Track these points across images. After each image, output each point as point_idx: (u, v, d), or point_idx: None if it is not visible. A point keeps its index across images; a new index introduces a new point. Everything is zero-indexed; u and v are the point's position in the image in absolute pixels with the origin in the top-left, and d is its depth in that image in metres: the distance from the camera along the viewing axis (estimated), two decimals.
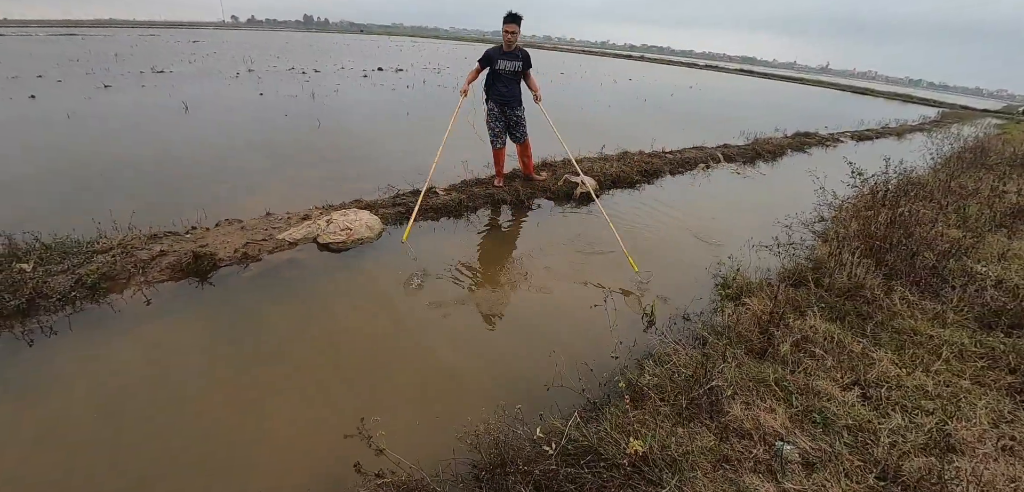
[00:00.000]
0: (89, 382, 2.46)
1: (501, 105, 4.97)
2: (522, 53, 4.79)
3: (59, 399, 2.34)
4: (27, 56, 18.08)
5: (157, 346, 2.72)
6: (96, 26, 73.72)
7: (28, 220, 3.85)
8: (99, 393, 2.39)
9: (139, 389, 2.42)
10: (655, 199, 5.75)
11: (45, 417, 2.24)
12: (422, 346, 2.84)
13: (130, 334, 2.79)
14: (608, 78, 24.69)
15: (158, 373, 2.53)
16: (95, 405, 2.32)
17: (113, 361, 2.60)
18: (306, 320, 3.01)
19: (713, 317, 3.18)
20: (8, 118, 7.72)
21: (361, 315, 3.11)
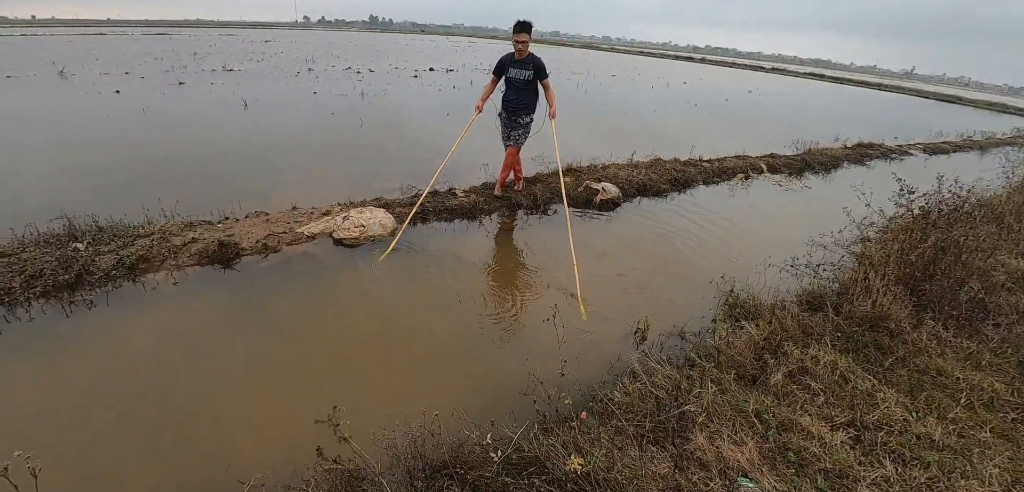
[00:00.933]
0: (106, 353, 2.76)
1: (510, 113, 4.94)
2: (534, 62, 4.72)
3: (78, 366, 2.64)
4: (120, 54, 20.01)
5: (172, 325, 2.99)
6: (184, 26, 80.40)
7: (95, 202, 4.30)
8: (112, 364, 2.68)
9: (149, 362, 2.69)
10: (681, 209, 5.58)
11: (62, 380, 2.53)
12: (406, 344, 2.95)
13: (153, 312, 3.09)
14: (661, 81, 24.02)
15: (166, 350, 2.79)
16: (107, 375, 2.59)
17: (131, 336, 2.89)
18: (305, 310, 3.20)
19: (708, 338, 3.07)
20: (94, 111, 8.61)
21: (354, 310, 3.26)
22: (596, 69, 28.54)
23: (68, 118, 8.10)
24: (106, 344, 2.83)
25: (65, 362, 2.68)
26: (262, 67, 17.50)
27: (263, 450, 2.20)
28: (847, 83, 45.34)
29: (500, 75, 4.87)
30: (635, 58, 53.45)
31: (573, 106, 12.93)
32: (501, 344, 3.02)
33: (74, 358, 2.71)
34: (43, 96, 10.23)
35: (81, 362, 2.69)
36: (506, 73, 4.83)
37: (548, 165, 5.98)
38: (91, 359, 2.71)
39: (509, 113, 4.94)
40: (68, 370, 2.63)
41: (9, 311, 3.08)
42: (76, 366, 2.66)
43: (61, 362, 2.68)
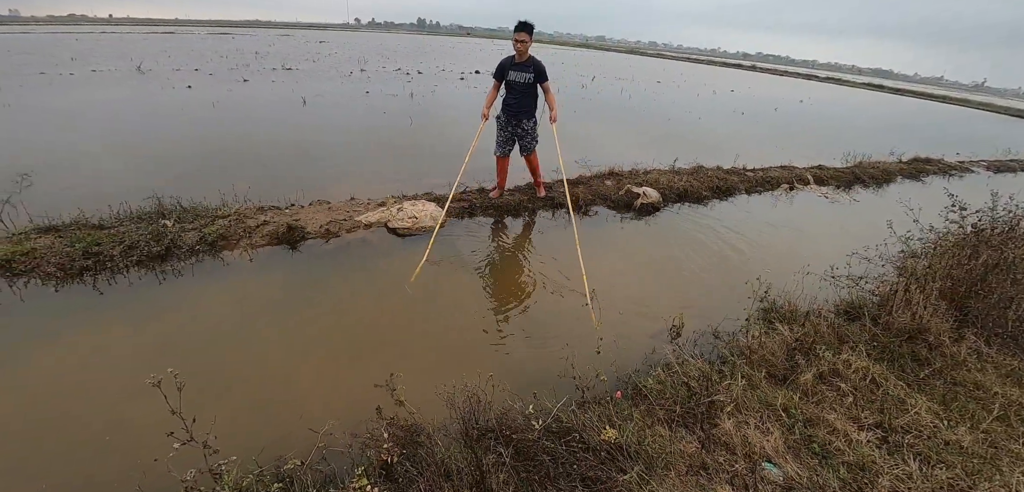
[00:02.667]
0: (194, 315, 3.16)
1: (509, 116, 4.88)
2: (534, 65, 4.65)
3: (170, 325, 3.06)
4: (189, 52, 21.45)
5: (248, 296, 3.38)
6: (246, 26, 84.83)
7: (175, 186, 4.79)
8: (199, 325, 3.08)
9: (228, 325, 3.06)
10: (721, 217, 5.63)
11: (156, 336, 2.95)
12: (453, 325, 3.21)
13: (231, 284, 3.48)
14: (707, 88, 23.62)
15: (243, 316, 3.17)
16: (193, 334, 2.99)
17: (213, 303, 3.29)
18: (362, 290, 3.53)
19: (740, 337, 3.18)
20: (170, 104, 9.40)
21: (406, 290, 3.55)
22: (641, 75, 28.34)
23: (148, 110, 8.89)
24: (193, 309, 3.23)
25: (158, 321, 3.09)
26: (318, 67, 18.40)
27: (328, 406, 2.49)
28: (908, 94, 43.01)
29: (501, 79, 4.79)
30: (681, 64, 52.54)
31: (617, 111, 13.02)
32: (540, 330, 3.23)
33: (165, 319, 3.12)
34: (125, 89, 11.20)
35: (171, 322, 3.09)
36: (506, 76, 4.76)
37: (592, 168, 6.15)
38: (179, 321, 3.11)
39: (509, 117, 4.88)
40: (160, 328, 3.04)
41: (111, 276, 3.54)
42: (166, 325, 3.06)
43: (154, 321, 3.09)
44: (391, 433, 1.97)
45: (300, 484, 1.92)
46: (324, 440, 2.13)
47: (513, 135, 4.96)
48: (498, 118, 4.98)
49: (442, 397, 2.24)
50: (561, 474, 1.93)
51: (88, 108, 9.00)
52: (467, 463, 1.91)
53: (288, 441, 2.26)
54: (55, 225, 4.05)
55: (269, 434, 2.32)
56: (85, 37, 30.40)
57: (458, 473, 1.90)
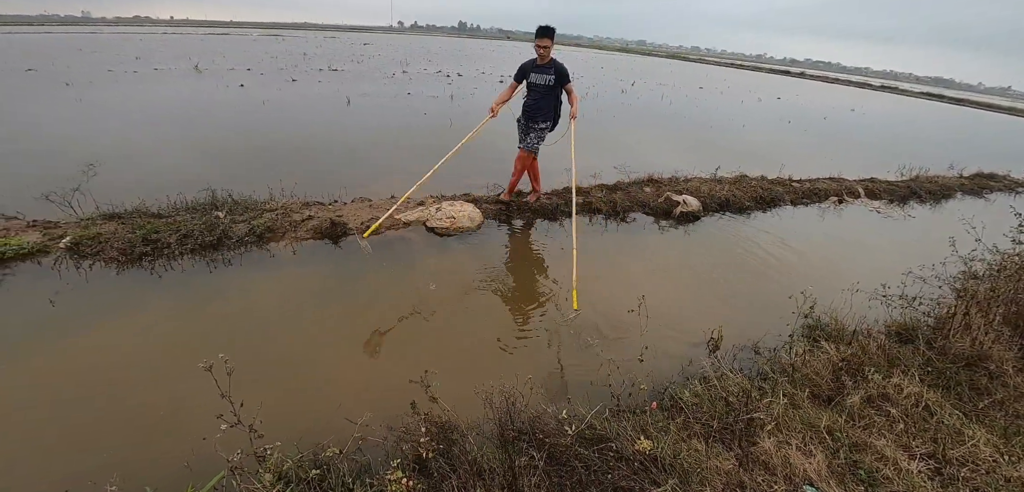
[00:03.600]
0: (241, 303, 3.31)
1: (528, 118, 4.86)
2: (556, 67, 4.63)
3: (218, 311, 3.21)
4: (242, 52, 22.45)
5: (292, 286, 3.51)
6: (294, 28, 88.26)
7: (227, 179, 5.03)
8: (245, 313, 3.23)
9: (272, 315, 3.19)
10: (764, 228, 5.45)
11: (205, 322, 3.11)
12: (485, 325, 3.23)
13: (276, 275, 3.63)
14: (752, 95, 22.91)
15: (287, 305, 3.29)
16: (239, 321, 3.13)
17: (260, 292, 3.43)
18: (401, 286, 3.60)
19: (783, 354, 3.07)
20: (224, 101, 9.88)
21: (442, 289, 3.61)
22: (682, 80, 27.79)
23: (204, 107, 9.37)
24: (240, 297, 3.38)
25: (207, 307, 3.25)
26: (362, 68, 18.92)
27: (364, 398, 2.56)
28: (971, 105, 40.43)
29: (522, 80, 4.80)
30: (725, 70, 51.18)
31: (656, 117, 12.81)
32: (573, 335, 3.22)
33: (214, 306, 3.27)
34: (184, 87, 11.84)
35: (219, 309, 3.25)
36: (528, 78, 4.76)
37: (630, 174, 6.08)
38: (227, 308, 3.27)
39: (528, 118, 4.85)
40: (209, 314, 3.20)
41: (168, 261, 3.75)
42: (215, 311, 3.22)
43: (204, 307, 3.25)
44: (428, 428, 2.00)
45: (336, 472, 1.98)
46: (360, 431, 2.18)
47: (526, 134, 4.93)
48: (518, 120, 4.98)
49: (477, 396, 2.27)
50: (593, 482, 1.92)
51: (150, 104, 9.56)
52: (500, 463, 1.93)
53: (325, 429, 2.32)
54: (118, 212, 4.32)
55: (307, 421, 2.40)
56: (149, 37, 32.31)
57: (490, 473, 1.91)
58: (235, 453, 1.75)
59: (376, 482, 1.94)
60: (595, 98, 15.26)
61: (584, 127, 10.18)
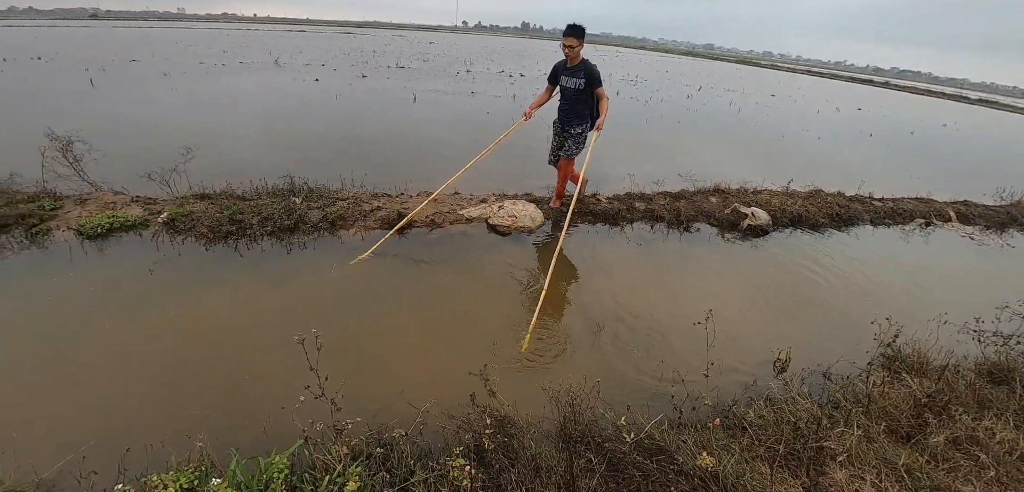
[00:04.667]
0: (313, 284, 3.52)
1: (562, 123, 4.72)
2: (585, 69, 4.42)
3: (293, 290, 3.44)
4: (317, 49, 23.71)
5: (359, 273, 3.67)
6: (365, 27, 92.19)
7: (303, 168, 5.34)
8: (316, 293, 3.44)
9: (340, 297, 3.38)
10: (839, 248, 5.12)
11: (280, 299, 3.33)
12: (545, 324, 3.25)
13: (343, 258, 3.82)
14: (829, 105, 21.50)
15: (354, 291, 3.47)
16: (311, 301, 3.35)
17: (330, 276, 3.61)
18: (461, 280, 3.69)
19: (857, 383, 2.88)
20: (301, 94, 10.49)
21: (504, 285, 3.66)
22: (753, 87, 26.53)
23: (283, 98, 9.99)
24: (312, 278, 3.59)
25: (283, 286, 3.47)
26: (427, 66, 19.47)
27: (426, 385, 2.64)
28: None
29: (554, 84, 4.65)
30: (800, 77, 48.29)
31: (724, 125, 12.33)
32: (635, 342, 3.17)
33: (289, 285, 3.50)
34: (265, 79, 12.68)
35: (294, 288, 3.47)
36: (559, 81, 4.60)
37: (695, 183, 5.90)
38: (300, 288, 3.48)
39: (562, 123, 4.72)
40: (284, 292, 3.43)
41: (250, 241, 4.04)
42: (290, 290, 3.45)
43: (281, 285, 3.48)
44: (494, 419, 2.04)
45: (399, 453, 2.06)
46: (422, 416, 2.26)
47: (563, 141, 4.79)
48: (553, 125, 4.86)
49: (536, 393, 2.29)
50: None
51: (236, 94, 10.32)
52: (558, 463, 1.94)
53: (387, 411, 2.42)
54: (208, 193, 4.70)
55: (370, 402, 2.51)
56: (235, 33, 34.81)
57: (548, 471, 1.93)
58: (315, 424, 1.86)
59: (437, 466, 2.01)
60: (659, 103, 14.90)
61: (647, 131, 10.00)
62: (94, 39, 28.65)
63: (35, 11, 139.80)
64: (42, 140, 4.80)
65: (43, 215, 4.20)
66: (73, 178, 4.80)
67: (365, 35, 44.77)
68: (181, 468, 1.78)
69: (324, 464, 1.92)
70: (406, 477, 1.94)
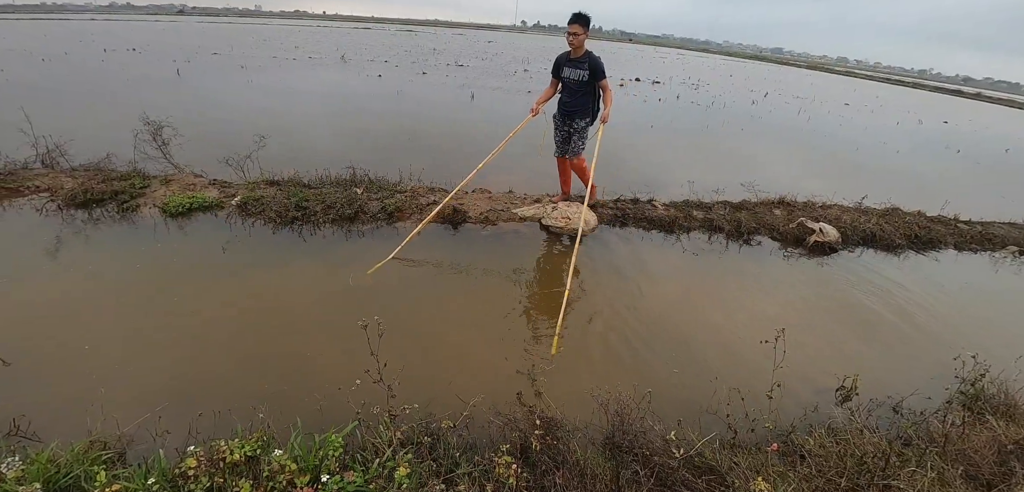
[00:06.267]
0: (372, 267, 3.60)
1: (563, 116, 4.58)
2: (590, 61, 4.28)
3: (350, 275, 3.53)
4: (381, 46, 24.56)
5: (413, 264, 3.79)
6: (426, 25, 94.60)
7: (364, 159, 5.54)
8: (372, 280, 3.54)
9: (394, 286, 3.48)
10: (917, 272, 4.73)
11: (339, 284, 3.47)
12: (595, 330, 3.21)
13: (402, 252, 3.93)
14: (911, 116, 19.89)
15: (409, 281, 3.57)
16: (367, 287, 3.46)
17: (388, 265, 3.72)
18: (513, 277, 3.71)
19: (933, 421, 2.65)
20: (364, 89, 10.92)
21: (556, 287, 3.64)
22: (824, 94, 25.02)
23: (348, 93, 10.43)
24: (369, 266, 3.71)
25: (341, 271, 3.62)
26: (486, 65, 19.71)
27: (474, 380, 2.68)
28: None
29: (557, 76, 4.53)
30: (878, 85, 45.01)
31: (791, 133, 11.70)
32: (689, 356, 3.08)
33: (347, 271, 3.64)
34: (332, 74, 13.27)
35: (352, 274, 3.60)
36: (561, 73, 4.47)
37: (758, 193, 5.64)
38: (362, 271, 3.60)
39: (563, 117, 4.59)
40: (342, 277, 3.56)
41: (313, 227, 4.24)
42: (347, 275, 3.57)
43: (339, 271, 3.63)
44: (542, 420, 2.04)
45: (445, 444, 2.10)
46: (469, 410, 2.29)
47: (568, 135, 4.65)
48: (554, 118, 4.74)
49: (584, 397, 2.27)
50: None
51: (305, 87, 10.87)
52: (604, 471, 1.91)
53: (435, 402, 2.46)
54: (277, 180, 4.97)
55: (419, 391, 2.56)
56: (306, 29, 36.65)
57: (593, 478, 1.91)
58: (371, 408, 1.93)
59: (481, 461, 2.03)
60: (721, 108, 14.35)
61: (708, 138, 9.67)
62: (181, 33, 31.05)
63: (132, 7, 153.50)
64: (136, 124, 5.25)
65: (133, 192, 4.59)
66: (160, 160, 5.22)
67: (426, 33, 45.98)
68: (245, 437, 1.89)
69: (374, 446, 1.98)
70: (451, 468, 1.97)
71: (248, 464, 1.82)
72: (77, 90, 10.32)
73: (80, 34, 26.52)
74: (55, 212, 4.34)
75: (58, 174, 4.97)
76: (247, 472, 1.80)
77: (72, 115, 7.84)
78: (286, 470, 1.68)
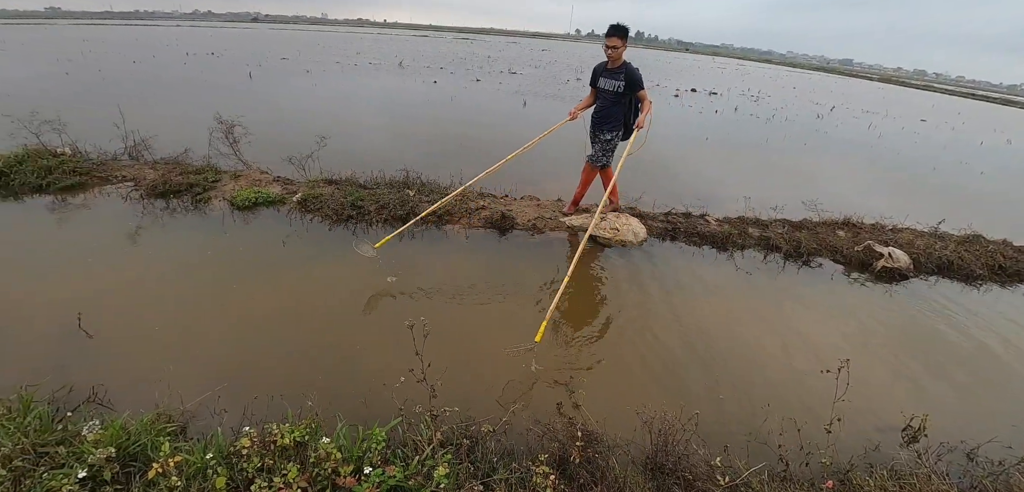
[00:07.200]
0: (418, 272, 3.74)
1: (594, 125, 4.55)
2: (627, 72, 4.22)
3: (400, 276, 3.61)
4: (436, 53, 25.20)
5: (460, 266, 3.87)
6: (481, 33, 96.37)
7: (417, 163, 5.69)
8: (420, 281, 3.63)
9: (441, 287, 3.51)
10: (1000, 307, 4.31)
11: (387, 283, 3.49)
12: (640, 343, 3.14)
13: (450, 252, 4.03)
14: (999, 136, 18.19)
15: (455, 282, 3.63)
16: (415, 288, 3.53)
17: (435, 266, 3.85)
18: (555, 288, 3.67)
19: (1013, 474, 2.40)
20: (420, 95, 11.25)
21: (600, 298, 3.59)
22: (898, 109, 23.37)
23: (405, 98, 10.77)
24: (418, 267, 3.81)
25: (391, 271, 3.72)
26: (539, 73, 19.82)
27: (512, 386, 2.67)
28: None
29: (595, 85, 4.50)
30: (959, 101, 41.42)
31: (860, 150, 11.00)
32: (738, 379, 2.95)
33: (396, 270, 3.73)
34: (391, 80, 13.76)
35: (402, 274, 3.70)
36: (597, 83, 4.42)
37: (821, 212, 5.35)
38: (406, 275, 3.69)
39: (594, 126, 4.55)
40: (393, 273, 3.65)
41: (366, 226, 4.39)
42: (397, 275, 3.67)
43: (389, 270, 3.73)
44: (584, 433, 2.02)
45: (483, 448, 2.11)
46: (509, 417, 2.30)
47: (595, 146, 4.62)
48: (589, 126, 4.71)
49: (626, 413, 2.22)
50: None
51: (365, 92, 11.32)
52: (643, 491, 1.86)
53: (473, 405, 2.47)
54: (335, 179, 5.19)
55: (458, 393, 2.59)
56: (367, 37, 38.19)
57: None
58: (415, 407, 1.97)
59: (518, 468, 2.02)
60: (783, 122, 13.72)
61: (768, 152, 9.28)
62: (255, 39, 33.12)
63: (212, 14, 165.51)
64: (210, 122, 5.64)
65: (206, 185, 4.93)
66: (231, 156, 5.58)
67: (481, 41, 46.83)
68: (295, 423, 1.98)
69: (414, 443, 2.02)
70: (488, 472, 1.98)
71: (296, 449, 1.90)
72: (162, 89, 11.25)
73: (166, 39, 28.89)
74: (137, 200, 4.73)
75: (142, 166, 5.42)
76: (295, 456, 1.88)
77: (156, 112, 8.54)
78: (331, 458, 1.75)
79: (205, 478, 1.80)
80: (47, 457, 1.87)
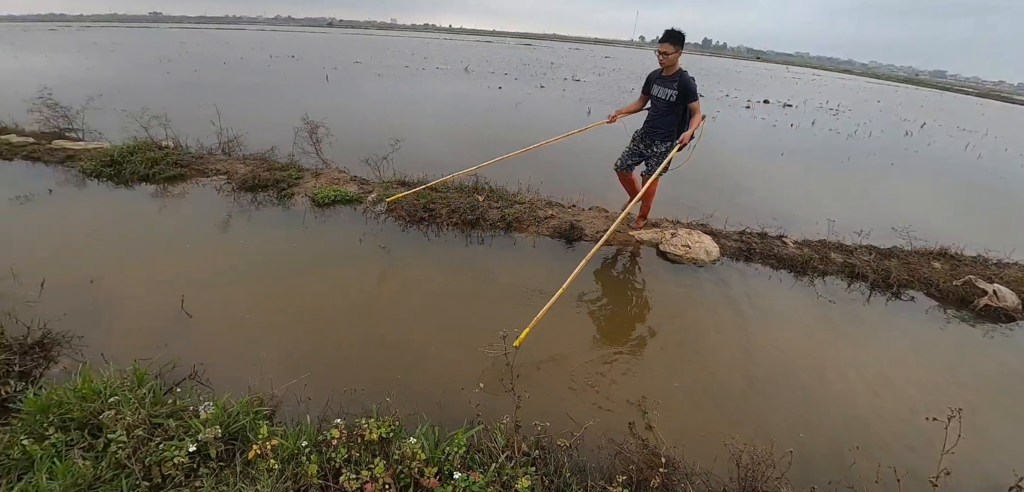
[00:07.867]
0: (486, 277, 3.80)
1: (644, 133, 4.39)
2: (681, 81, 4.01)
3: (468, 279, 3.74)
4: (500, 59, 25.56)
5: (528, 274, 3.90)
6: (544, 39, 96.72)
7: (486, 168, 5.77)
8: (489, 286, 3.72)
9: (510, 294, 3.55)
10: None
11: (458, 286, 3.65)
12: (715, 367, 3.03)
13: (517, 260, 4.06)
14: None
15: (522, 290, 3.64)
16: (484, 293, 3.63)
17: (502, 272, 3.91)
18: (626, 304, 3.63)
19: None
20: (485, 100, 11.46)
21: (669, 317, 3.50)
22: (1002, 128, 21.11)
23: (471, 103, 11.01)
24: (486, 272, 3.88)
25: (460, 274, 3.81)
26: (602, 80, 19.63)
27: (583, 401, 2.65)
28: None
29: (647, 92, 4.34)
30: None
31: (958, 173, 10.04)
32: (819, 413, 2.78)
33: (465, 274, 3.82)
34: (457, 84, 14.11)
35: (469, 277, 3.78)
36: (650, 90, 4.27)
37: (912, 241, 4.95)
38: (475, 279, 3.77)
39: (644, 134, 4.40)
40: (461, 279, 3.77)
41: (437, 230, 4.52)
42: (466, 279, 3.78)
43: (458, 273, 3.82)
44: (668, 459, 1.98)
45: (555, 460, 2.10)
46: (582, 431, 2.28)
47: (643, 154, 4.46)
48: (635, 132, 4.55)
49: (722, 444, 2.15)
50: None
51: (433, 95, 11.67)
52: None
53: (542, 416, 2.47)
54: (408, 181, 5.37)
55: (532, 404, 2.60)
56: (434, 41, 39.35)
57: None
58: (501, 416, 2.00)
59: (594, 486, 2.00)
60: (866, 138, 12.79)
61: (850, 171, 8.73)
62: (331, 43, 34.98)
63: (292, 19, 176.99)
64: (295, 121, 6.01)
65: (290, 181, 5.26)
66: (312, 155, 5.92)
67: (544, 47, 47.07)
68: (380, 419, 2.07)
69: (489, 450, 2.05)
70: (562, 488, 1.98)
71: (381, 444, 1.98)
72: (249, 89, 12.11)
73: (251, 42, 31.12)
74: (229, 193, 5.12)
75: (234, 161, 5.86)
76: (379, 452, 1.96)
77: (245, 111, 9.20)
78: (417, 458, 1.81)
79: (297, 464, 1.92)
80: (160, 429, 2.05)
